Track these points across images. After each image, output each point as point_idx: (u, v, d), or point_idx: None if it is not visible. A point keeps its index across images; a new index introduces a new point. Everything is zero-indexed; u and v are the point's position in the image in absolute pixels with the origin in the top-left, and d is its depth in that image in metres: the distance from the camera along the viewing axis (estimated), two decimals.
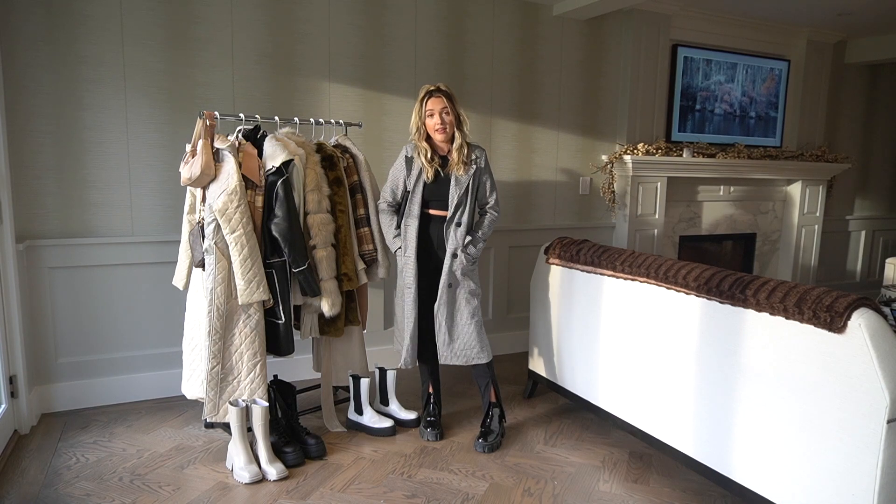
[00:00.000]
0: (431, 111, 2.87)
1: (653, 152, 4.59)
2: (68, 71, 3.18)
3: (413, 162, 2.96)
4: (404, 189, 3.00)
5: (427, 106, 2.88)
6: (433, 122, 2.88)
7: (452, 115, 2.88)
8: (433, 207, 2.96)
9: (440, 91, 2.88)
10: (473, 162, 2.95)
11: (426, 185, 2.93)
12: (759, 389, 2.27)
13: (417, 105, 2.91)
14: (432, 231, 2.98)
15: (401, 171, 2.99)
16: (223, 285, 2.68)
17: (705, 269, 2.56)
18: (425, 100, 2.89)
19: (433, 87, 2.90)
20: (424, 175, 2.91)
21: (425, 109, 2.89)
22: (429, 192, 2.94)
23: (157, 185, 3.41)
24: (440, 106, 2.86)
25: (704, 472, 2.54)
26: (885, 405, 1.89)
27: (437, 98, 2.87)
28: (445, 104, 2.87)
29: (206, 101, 3.43)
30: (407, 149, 3.00)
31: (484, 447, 2.96)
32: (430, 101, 2.88)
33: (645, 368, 2.79)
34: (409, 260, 2.96)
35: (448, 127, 2.88)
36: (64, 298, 3.28)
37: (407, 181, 2.97)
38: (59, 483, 2.61)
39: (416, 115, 2.92)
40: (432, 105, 2.87)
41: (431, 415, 3.17)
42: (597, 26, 4.51)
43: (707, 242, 5.27)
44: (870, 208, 6.15)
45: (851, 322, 1.98)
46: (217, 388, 2.73)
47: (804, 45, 5.25)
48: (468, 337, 2.95)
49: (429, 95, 2.88)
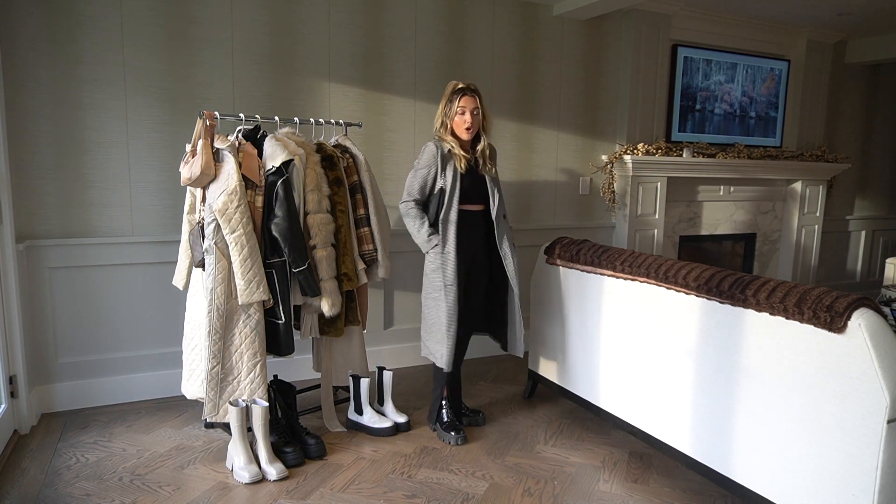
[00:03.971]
0: (463, 108, 2.89)
1: (653, 152, 4.58)
2: (68, 71, 3.18)
3: (445, 158, 2.93)
4: (433, 186, 2.96)
5: (460, 103, 2.89)
6: (463, 120, 2.90)
7: (481, 116, 2.94)
8: (466, 203, 2.98)
9: (473, 91, 2.91)
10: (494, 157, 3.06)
11: (463, 179, 2.94)
12: (759, 389, 2.27)
13: (446, 100, 2.93)
14: (465, 227, 2.97)
15: (432, 167, 2.93)
16: (223, 285, 2.68)
17: (705, 269, 2.56)
18: (458, 97, 2.89)
19: (464, 84, 2.92)
20: (460, 168, 2.92)
21: (458, 106, 2.89)
22: (464, 189, 2.95)
23: (157, 185, 3.41)
24: (472, 105, 2.89)
25: (704, 472, 2.54)
26: (885, 405, 1.89)
27: (470, 97, 2.90)
28: (477, 104, 2.91)
29: (206, 101, 3.43)
30: (437, 145, 2.94)
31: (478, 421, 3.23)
32: (464, 98, 2.89)
33: (645, 368, 2.79)
34: (448, 257, 2.91)
35: (475, 126, 2.93)
36: (64, 298, 3.28)
37: (439, 177, 2.93)
38: (59, 483, 2.61)
39: (444, 110, 2.94)
40: (465, 103, 2.89)
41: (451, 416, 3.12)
42: (597, 26, 4.51)
43: (707, 242, 5.27)
44: (870, 208, 6.15)
45: (851, 322, 1.98)
46: (217, 388, 2.73)
47: (804, 45, 5.25)
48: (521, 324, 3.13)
49: (462, 93, 2.89)
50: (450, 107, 2.92)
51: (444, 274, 2.93)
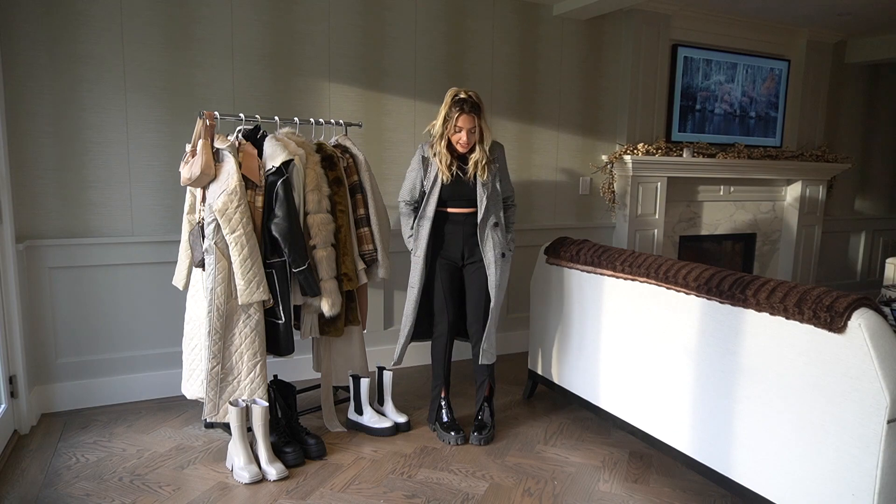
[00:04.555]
0: (461, 128, 2.84)
1: (653, 152, 4.58)
2: (68, 71, 3.18)
3: (430, 162, 2.96)
4: (421, 188, 3.00)
5: (458, 123, 2.82)
6: (458, 138, 2.88)
7: (477, 133, 2.89)
8: (452, 206, 2.98)
9: (473, 108, 2.82)
10: (493, 162, 2.97)
11: (444, 186, 2.93)
12: (759, 389, 2.27)
13: (444, 113, 2.85)
14: (449, 228, 3.00)
15: (417, 171, 3.00)
16: (223, 285, 2.68)
17: (705, 269, 2.56)
18: (456, 115, 2.81)
19: (465, 96, 2.82)
20: (442, 177, 2.92)
21: (455, 125, 2.83)
22: (447, 192, 2.95)
23: (157, 185, 3.41)
24: (469, 125, 2.84)
25: (704, 472, 2.54)
26: (885, 405, 1.89)
27: (468, 116, 2.81)
28: (475, 124, 2.84)
29: (206, 101, 3.43)
30: (423, 148, 3.00)
31: (479, 440, 3.01)
32: (462, 118, 2.81)
33: (645, 368, 2.79)
34: (417, 261, 3.01)
35: (472, 143, 2.90)
36: (64, 298, 3.28)
37: (424, 181, 2.97)
38: (59, 483, 2.61)
39: (442, 122, 2.86)
40: (462, 123, 2.82)
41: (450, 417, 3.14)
42: (597, 26, 4.51)
43: (707, 242, 5.27)
44: (870, 208, 6.15)
45: (851, 322, 1.98)
46: (217, 388, 2.73)
47: (804, 45, 5.25)
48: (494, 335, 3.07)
49: (460, 111, 2.81)
50: (447, 124, 2.85)
51: (412, 273, 3.05)
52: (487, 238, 2.96)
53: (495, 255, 2.97)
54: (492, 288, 2.98)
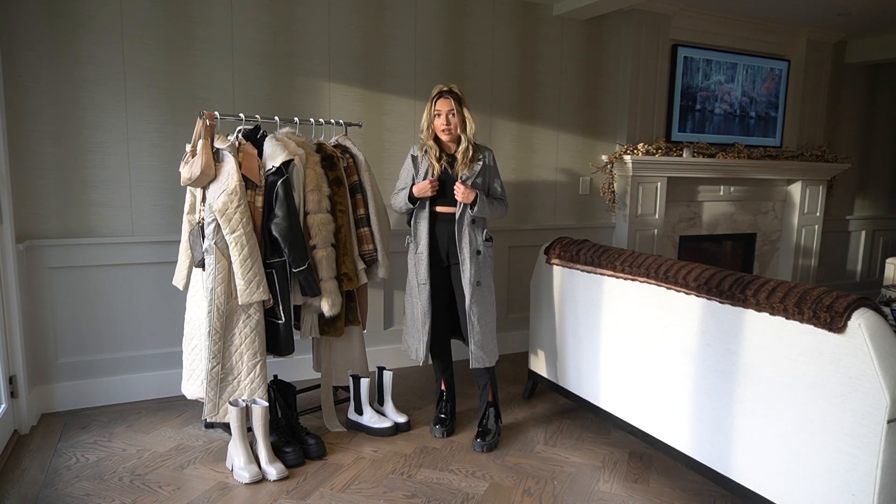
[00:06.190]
0: (439, 112, 2.90)
1: (653, 152, 4.58)
2: (68, 71, 3.18)
3: (420, 161, 2.99)
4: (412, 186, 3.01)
5: (436, 106, 2.91)
6: (439, 123, 2.91)
7: (458, 118, 2.91)
8: (440, 205, 2.99)
9: (450, 93, 2.91)
10: (479, 160, 2.97)
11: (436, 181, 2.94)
12: (759, 389, 2.27)
13: (428, 104, 2.94)
14: (439, 228, 3.00)
15: (409, 171, 3.02)
16: (223, 285, 2.68)
17: (705, 269, 2.56)
18: (435, 100, 2.92)
19: (445, 87, 2.93)
20: (431, 173, 2.94)
21: (434, 109, 2.92)
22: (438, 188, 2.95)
23: (157, 185, 3.41)
24: (447, 108, 2.89)
25: (704, 472, 2.54)
26: (885, 405, 1.89)
27: (445, 99, 2.90)
28: (453, 106, 2.89)
29: (206, 101, 3.43)
30: (414, 148, 3.04)
31: (482, 447, 2.97)
32: (439, 101, 2.91)
33: (645, 368, 2.79)
34: (421, 257, 3.00)
35: (453, 129, 2.92)
36: (64, 298, 3.28)
37: (416, 180, 2.99)
38: (59, 483, 2.61)
39: (427, 113, 2.95)
40: (440, 106, 2.90)
41: (443, 412, 3.18)
42: (597, 26, 4.51)
43: (707, 242, 5.27)
44: (870, 208, 6.15)
45: (851, 322, 1.98)
46: (217, 388, 2.73)
47: (804, 45, 5.25)
48: (492, 338, 3.00)
49: (439, 96, 2.91)
50: (429, 114, 2.93)
51: (417, 273, 3.02)
52: (464, 234, 2.94)
53: (470, 252, 2.93)
54: (465, 286, 2.94)
